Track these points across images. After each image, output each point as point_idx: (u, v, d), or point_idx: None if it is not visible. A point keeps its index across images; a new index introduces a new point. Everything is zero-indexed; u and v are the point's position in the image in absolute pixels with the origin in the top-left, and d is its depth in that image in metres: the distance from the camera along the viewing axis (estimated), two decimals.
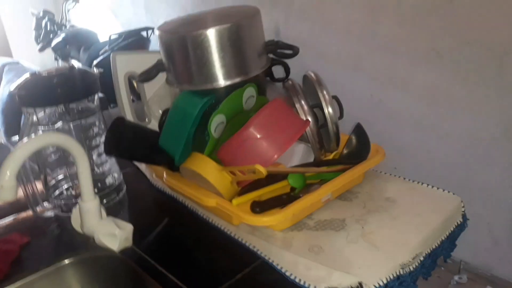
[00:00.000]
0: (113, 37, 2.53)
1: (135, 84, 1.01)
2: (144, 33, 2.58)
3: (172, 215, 0.84)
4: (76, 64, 2.94)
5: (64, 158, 0.90)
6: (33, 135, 0.61)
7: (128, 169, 0.98)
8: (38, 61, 3.53)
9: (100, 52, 2.63)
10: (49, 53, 3.30)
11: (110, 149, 0.80)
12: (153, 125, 0.93)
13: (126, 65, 0.91)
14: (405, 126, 1.77)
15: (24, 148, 0.58)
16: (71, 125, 0.80)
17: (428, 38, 1.57)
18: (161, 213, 0.87)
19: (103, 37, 2.99)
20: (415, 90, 1.68)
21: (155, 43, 2.75)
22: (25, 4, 3.72)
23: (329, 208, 0.79)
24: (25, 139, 0.60)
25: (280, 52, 0.84)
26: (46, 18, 3.15)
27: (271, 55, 0.86)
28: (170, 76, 0.82)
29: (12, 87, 0.80)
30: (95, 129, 0.84)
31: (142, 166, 0.98)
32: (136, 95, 1.01)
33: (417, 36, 1.60)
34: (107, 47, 2.55)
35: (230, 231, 0.76)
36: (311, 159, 0.87)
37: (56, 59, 3.12)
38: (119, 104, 0.92)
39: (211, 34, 0.75)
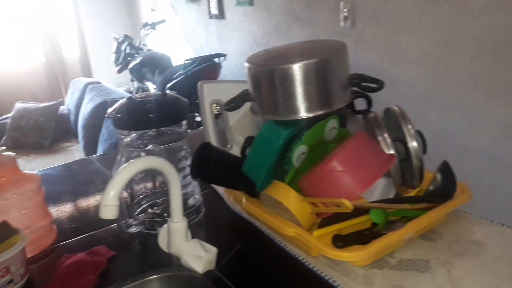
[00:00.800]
0: (187, 62, 2.68)
1: (214, 110, 1.06)
2: (216, 59, 2.71)
3: (248, 240, 0.86)
4: (150, 86, 3.12)
5: (147, 177, 0.96)
6: (133, 160, 0.66)
7: (207, 191, 1.01)
8: (114, 82, 3.78)
9: (174, 76, 2.79)
10: (125, 74, 3.54)
11: (196, 173, 0.83)
12: (235, 151, 0.96)
13: (212, 93, 0.95)
14: (482, 161, 1.69)
15: (128, 170, 0.63)
16: (163, 149, 0.85)
17: (508, 71, 1.50)
18: (237, 237, 0.88)
19: (176, 61, 3.17)
20: (493, 125, 1.60)
21: (226, 69, 2.86)
22: (106, 30, 4.04)
23: (411, 247, 0.76)
24: (129, 162, 0.65)
25: (364, 85, 0.85)
26: (126, 42, 3.39)
27: (355, 88, 0.87)
28: (255, 106, 0.85)
29: (109, 110, 0.87)
30: (182, 153, 0.89)
31: (220, 189, 1.01)
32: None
33: (496, 69, 1.53)
34: (181, 71, 2.70)
35: (308, 262, 0.76)
36: (391, 195, 0.85)
37: (132, 80, 3.34)
38: (204, 129, 0.96)
39: (299, 68, 0.77)
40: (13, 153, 0.84)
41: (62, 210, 1.02)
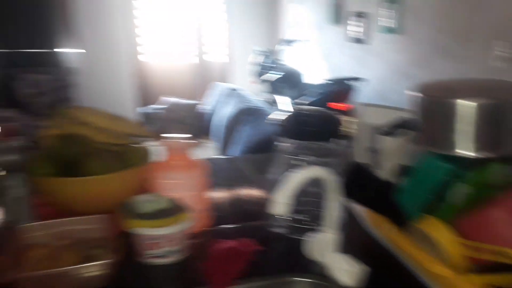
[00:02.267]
0: (325, 82, 2.75)
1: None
2: (352, 82, 2.73)
3: (384, 267, 0.85)
4: (281, 100, 3.25)
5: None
6: (305, 168, 0.71)
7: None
8: (250, 90, 4.00)
9: (310, 93, 2.88)
10: (259, 84, 3.74)
11: (348, 192, 0.86)
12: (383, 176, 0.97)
13: (369, 115, 0.98)
14: None
15: (301, 176, 0.69)
16: (320, 161, 0.90)
17: None
18: (372, 262, 0.88)
19: (309, 79, 3.27)
20: None
21: (362, 93, 2.86)
22: (248, 41, 4.32)
23: None
24: (302, 170, 0.70)
25: None
26: (266, 56, 3.60)
27: None
28: (418, 136, 0.86)
29: (274, 117, 0.95)
30: (332, 169, 0.93)
31: (358, 210, 1.02)
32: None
33: None
34: (319, 91, 2.78)
35: None
36: None
37: (267, 92, 3.52)
38: (357, 150, 0.99)
39: (477, 107, 0.76)
40: (192, 141, 0.96)
41: (212, 199, 1.12)
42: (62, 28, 3.99)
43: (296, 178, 0.69)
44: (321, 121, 0.93)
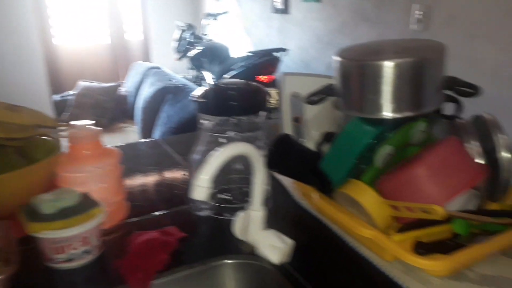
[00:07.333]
0: (249, 54, 2.69)
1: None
2: (276, 54, 2.70)
3: (315, 236, 0.84)
4: (208, 75, 3.16)
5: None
6: (228, 145, 0.65)
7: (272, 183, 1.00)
8: (171, 68, 3.86)
9: (233, 67, 2.81)
10: (182, 61, 3.61)
11: (272, 164, 0.83)
12: (309, 145, 0.95)
13: (292, 85, 0.94)
14: None
15: (221, 155, 0.63)
16: (245, 136, 0.85)
17: None
18: (303, 232, 0.87)
19: (234, 52, 3.19)
20: None
21: (284, 64, 2.85)
22: (168, 16, 4.13)
23: (493, 263, 0.72)
24: (224, 147, 0.65)
25: (459, 90, 0.81)
26: (190, 31, 3.45)
27: (446, 92, 0.83)
28: (340, 101, 0.84)
29: (195, 93, 0.88)
30: (259, 143, 0.88)
31: (286, 182, 1.00)
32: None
33: None
34: (242, 63, 2.72)
35: (381, 266, 0.73)
36: (471, 206, 0.81)
37: (192, 68, 3.40)
38: (283, 121, 0.96)
39: (395, 66, 0.74)
40: (98, 128, 0.86)
41: (132, 188, 1.04)
42: None
43: (217, 158, 0.63)
44: (244, 94, 0.87)
